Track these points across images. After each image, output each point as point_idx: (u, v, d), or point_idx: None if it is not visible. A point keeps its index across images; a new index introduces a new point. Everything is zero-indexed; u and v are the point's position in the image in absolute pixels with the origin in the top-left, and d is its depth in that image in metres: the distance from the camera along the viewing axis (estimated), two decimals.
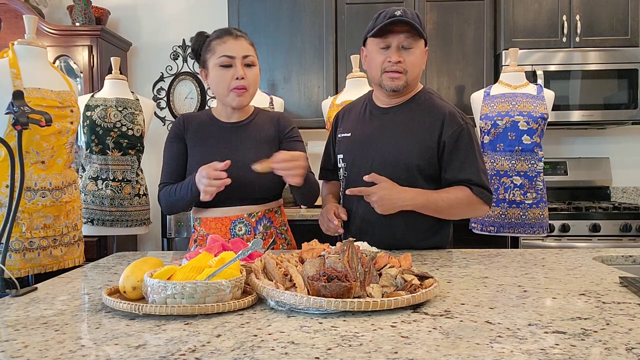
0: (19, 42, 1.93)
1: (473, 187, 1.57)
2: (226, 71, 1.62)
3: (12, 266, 1.81)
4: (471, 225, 2.68)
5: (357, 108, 1.78)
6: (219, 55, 1.62)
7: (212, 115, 1.75)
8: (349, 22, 3.23)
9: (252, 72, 1.65)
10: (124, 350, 0.78)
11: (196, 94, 3.65)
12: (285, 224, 1.82)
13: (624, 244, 2.83)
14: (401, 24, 1.55)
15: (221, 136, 1.71)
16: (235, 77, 1.61)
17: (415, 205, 1.56)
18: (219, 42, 1.63)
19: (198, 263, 1.06)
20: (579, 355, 0.74)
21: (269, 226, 1.71)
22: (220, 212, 1.67)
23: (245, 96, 1.65)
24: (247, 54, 1.63)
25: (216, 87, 1.66)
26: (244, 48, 1.63)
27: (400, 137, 1.62)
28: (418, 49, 1.59)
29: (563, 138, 3.57)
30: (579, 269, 1.35)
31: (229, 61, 1.61)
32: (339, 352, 0.76)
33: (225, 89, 1.63)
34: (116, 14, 3.64)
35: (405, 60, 1.58)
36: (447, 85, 3.26)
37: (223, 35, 1.64)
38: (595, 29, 3.13)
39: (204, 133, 1.71)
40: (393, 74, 1.59)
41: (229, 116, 1.73)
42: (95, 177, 2.69)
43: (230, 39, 1.63)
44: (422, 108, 1.64)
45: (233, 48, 1.62)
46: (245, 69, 1.63)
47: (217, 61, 1.62)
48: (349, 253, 1.09)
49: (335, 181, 1.86)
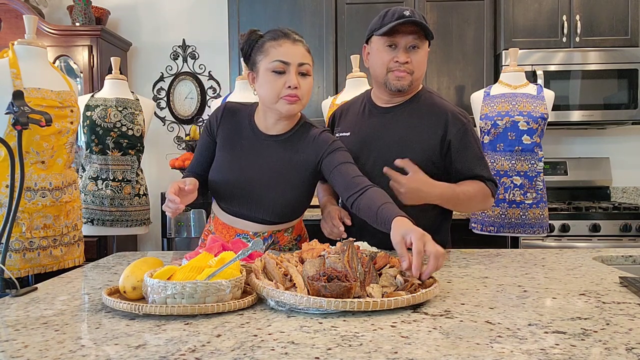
0: (19, 42, 1.93)
1: (486, 181, 1.61)
2: (278, 77, 1.46)
3: (12, 266, 1.80)
4: (471, 225, 2.68)
5: (355, 107, 1.77)
6: (272, 59, 1.46)
7: (252, 119, 1.60)
8: (349, 22, 3.23)
9: (306, 81, 1.50)
10: (124, 350, 0.78)
11: (196, 94, 3.65)
12: (298, 237, 1.70)
13: (624, 244, 2.83)
14: (411, 25, 1.55)
15: (252, 148, 1.57)
16: (287, 85, 1.46)
17: (442, 201, 1.57)
18: (274, 44, 1.48)
19: (198, 263, 1.06)
20: (579, 355, 0.74)
21: (272, 244, 1.62)
22: (229, 219, 1.61)
23: (297, 105, 1.49)
24: (303, 61, 1.48)
25: (265, 93, 1.50)
26: (301, 55, 1.48)
27: (402, 137, 1.62)
28: (423, 50, 1.60)
29: (563, 138, 3.57)
30: (579, 269, 1.35)
31: (283, 67, 1.46)
32: (339, 352, 0.76)
33: (275, 96, 1.48)
34: (116, 14, 3.64)
35: (412, 61, 1.58)
36: (447, 85, 3.26)
37: (280, 37, 1.49)
38: (595, 29, 3.13)
39: (235, 138, 1.59)
40: (400, 73, 1.58)
41: (268, 127, 1.57)
42: (95, 177, 2.69)
43: (288, 43, 1.48)
44: (423, 107, 1.65)
45: (289, 53, 1.47)
46: (299, 77, 1.48)
47: (270, 65, 1.47)
48: (349, 253, 1.09)
49: None
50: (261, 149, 1.57)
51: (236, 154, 1.58)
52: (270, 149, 1.57)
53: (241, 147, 1.58)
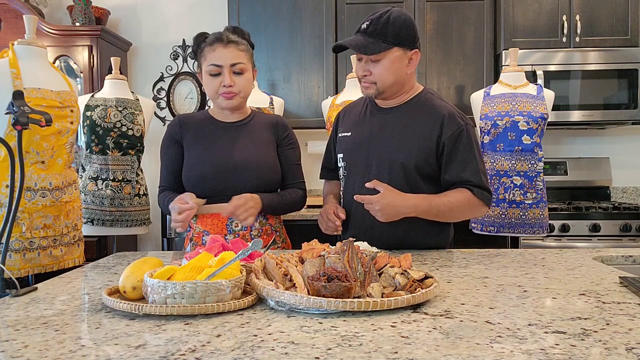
0: (19, 42, 1.93)
1: (473, 188, 1.57)
2: (215, 79, 1.65)
3: (12, 266, 1.80)
4: (471, 225, 2.68)
5: (358, 107, 1.79)
6: (208, 63, 1.65)
7: (209, 115, 1.78)
8: (349, 22, 3.23)
9: (242, 78, 1.67)
10: (124, 350, 0.78)
11: (196, 94, 3.65)
12: (280, 222, 1.83)
13: (624, 244, 2.83)
14: (349, 46, 1.58)
15: (219, 134, 1.73)
16: (222, 84, 1.64)
17: (418, 213, 1.56)
18: (210, 49, 1.65)
19: (198, 263, 1.06)
20: (579, 355, 0.74)
21: (264, 222, 1.73)
22: (216, 208, 1.66)
23: (235, 99, 1.68)
24: (235, 62, 1.64)
25: (207, 91, 1.71)
26: (233, 56, 1.64)
27: (399, 137, 1.63)
28: (386, 59, 1.57)
29: (563, 138, 3.57)
30: (579, 269, 1.35)
31: (217, 70, 1.64)
32: (339, 352, 0.76)
33: (214, 94, 1.67)
34: (116, 14, 3.64)
35: (372, 73, 1.60)
36: (447, 85, 3.26)
37: (214, 42, 1.65)
38: (595, 29, 3.13)
39: (202, 132, 1.74)
40: (364, 84, 1.64)
41: (226, 116, 1.76)
42: (95, 177, 2.69)
43: (220, 47, 1.64)
44: (422, 108, 1.65)
45: (221, 57, 1.63)
46: (234, 76, 1.65)
47: (207, 69, 1.66)
48: (349, 253, 1.09)
49: (335, 180, 1.86)
50: (227, 133, 1.73)
51: (209, 142, 1.72)
52: (236, 132, 1.74)
53: (210, 135, 1.73)
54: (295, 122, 3.28)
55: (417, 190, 1.60)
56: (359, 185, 1.63)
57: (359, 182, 1.65)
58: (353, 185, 1.69)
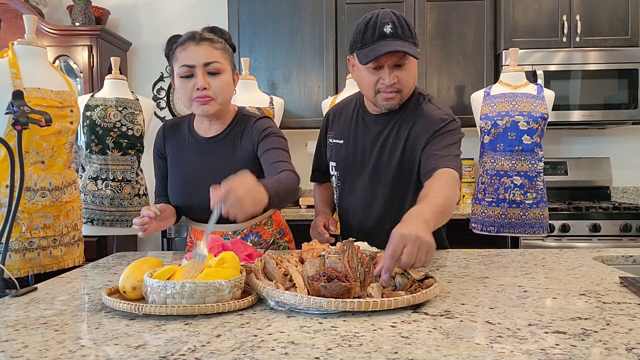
0: (18, 42, 1.93)
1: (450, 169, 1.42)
2: (188, 81, 1.46)
3: (12, 266, 1.80)
4: (471, 225, 2.68)
5: (348, 111, 1.69)
6: (179, 65, 1.46)
7: (192, 126, 1.62)
8: (349, 22, 3.23)
9: (218, 80, 1.47)
10: (124, 350, 0.78)
11: None
12: (280, 230, 1.73)
13: (624, 244, 2.83)
14: (405, 52, 1.41)
15: (196, 154, 1.59)
16: (196, 87, 1.45)
17: (437, 215, 1.25)
18: (181, 49, 1.46)
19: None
20: (579, 356, 0.74)
21: (257, 241, 1.64)
22: (202, 227, 1.62)
23: (211, 104, 1.48)
24: (209, 60, 1.44)
25: (180, 98, 1.51)
26: (206, 54, 1.44)
27: (391, 145, 1.57)
28: (411, 63, 1.48)
29: (563, 138, 3.57)
30: (579, 269, 1.35)
31: (189, 71, 1.44)
32: (339, 352, 0.76)
33: (188, 100, 1.48)
34: (116, 14, 3.64)
35: (399, 80, 1.47)
36: (447, 85, 3.26)
37: (185, 41, 1.46)
38: (595, 29, 3.13)
39: (180, 151, 1.62)
40: (388, 94, 1.48)
41: (205, 129, 1.59)
42: (95, 177, 2.69)
43: (192, 45, 1.45)
44: (412, 113, 1.56)
45: (193, 56, 1.44)
46: (209, 77, 1.45)
47: (178, 71, 1.46)
48: (349, 253, 1.09)
49: (327, 183, 1.82)
50: (203, 154, 1.58)
51: (182, 168, 1.60)
52: (213, 152, 1.57)
53: (187, 156, 1.60)
54: (295, 122, 3.28)
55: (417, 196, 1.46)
56: (355, 196, 1.62)
57: (354, 195, 1.63)
58: (348, 197, 1.66)
